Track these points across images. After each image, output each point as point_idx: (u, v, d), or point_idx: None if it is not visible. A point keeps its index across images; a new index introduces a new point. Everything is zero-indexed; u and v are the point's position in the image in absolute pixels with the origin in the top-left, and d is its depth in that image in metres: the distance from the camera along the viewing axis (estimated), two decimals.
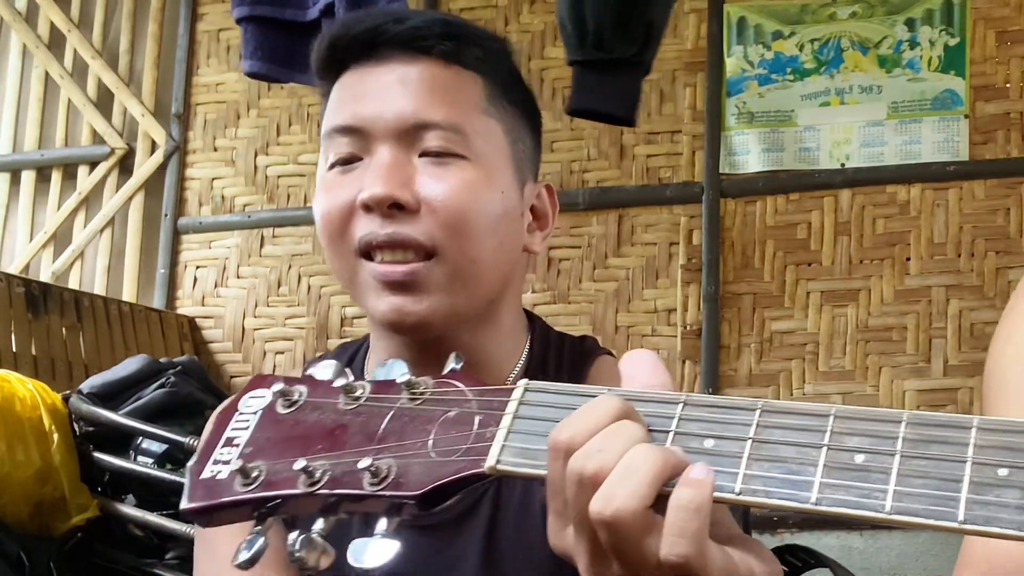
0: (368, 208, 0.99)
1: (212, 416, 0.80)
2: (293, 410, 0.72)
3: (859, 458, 0.58)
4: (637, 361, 0.69)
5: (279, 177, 4.51)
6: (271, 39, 2.22)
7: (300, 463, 0.66)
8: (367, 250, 1.00)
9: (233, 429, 0.72)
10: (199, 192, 4.60)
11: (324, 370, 0.74)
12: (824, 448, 0.59)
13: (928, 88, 3.80)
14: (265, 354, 4.39)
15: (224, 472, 0.69)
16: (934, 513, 0.55)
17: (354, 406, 0.71)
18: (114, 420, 2.48)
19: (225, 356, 4.44)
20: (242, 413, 0.73)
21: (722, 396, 0.65)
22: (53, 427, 2.44)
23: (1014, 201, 3.71)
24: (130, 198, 4.65)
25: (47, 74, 4.82)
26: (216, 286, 4.50)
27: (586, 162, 4.12)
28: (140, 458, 2.49)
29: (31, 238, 4.75)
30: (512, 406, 0.67)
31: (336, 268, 1.05)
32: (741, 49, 3.99)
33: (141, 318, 4.19)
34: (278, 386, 0.73)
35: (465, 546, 1.03)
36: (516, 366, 1.10)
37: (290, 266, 4.41)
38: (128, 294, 4.56)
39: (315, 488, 0.66)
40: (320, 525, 0.66)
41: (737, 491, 0.60)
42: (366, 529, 0.66)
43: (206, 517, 0.69)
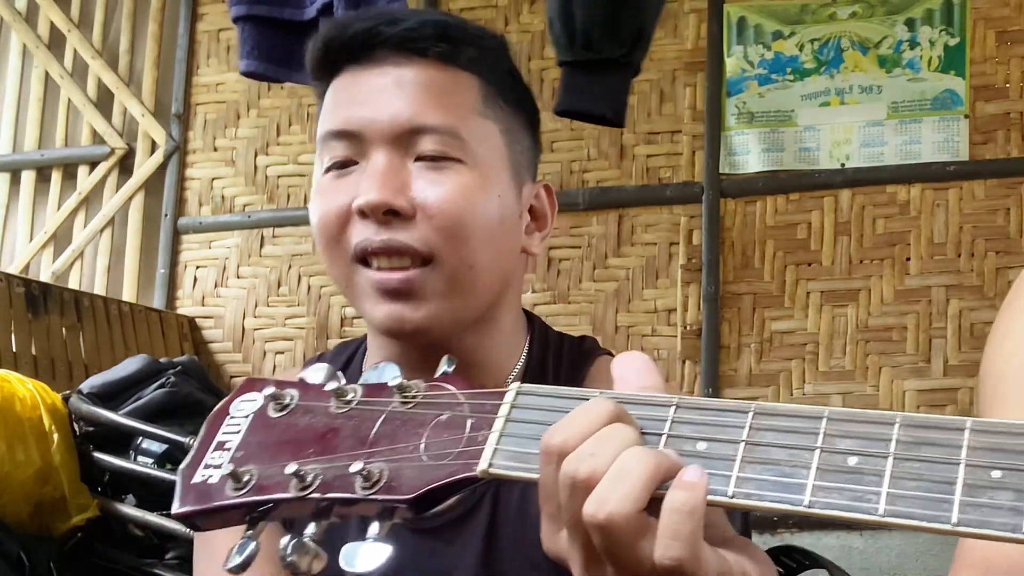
0: (363, 214, 0.98)
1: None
2: (284, 414, 0.72)
3: (852, 460, 0.58)
4: (629, 363, 0.69)
5: (279, 177, 4.51)
6: (268, 38, 2.21)
7: (291, 467, 0.66)
8: (363, 256, 0.99)
9: (224, 433, 0.72)
10: (199, 192, 4.60)
11: (315, 373, 0.74)
12: (817, 450, 0.59)
13: (928, 88, 3.80)
14: (265, 354, 4.39)
15: (215, 476, 0.69)
16: (927, 516, 0.55)
17: (345, 410, 0.70)
18: (114, 420, 2.48)
19: (225, 356, 4.44)
20: (233, 417, 0.73)
21: (714, 399, 0.64)
22: (53, 427, 2.44)
23: (1014, 201, 3.71)
24: (130, 198, 4.65)
25: (47, 74, 4.81)
26: (216, 286, 4.50)
27: (586, 162, 4.12)
28: (140, 458, 2.48)
29: (31, 238, 4.75)
30: (504, 409, 0.67)
31: (333, 273, 1.04)
32: (741, 49, 3.98)
33: (141, 318, 4.19)
34: (269, 390, 0.73)
35: (464, 548, 1.03)
36: (515, 367, 1.09)
37: (290, 266, 4.41)
38: (128, 294, 4.55)
39: (307, 492, 0.66)
40: (312, 529, 0.66)
41: (730, 494, 0.60)
42: (361, 533, 0.65)
43: (197, 522, 0.68)
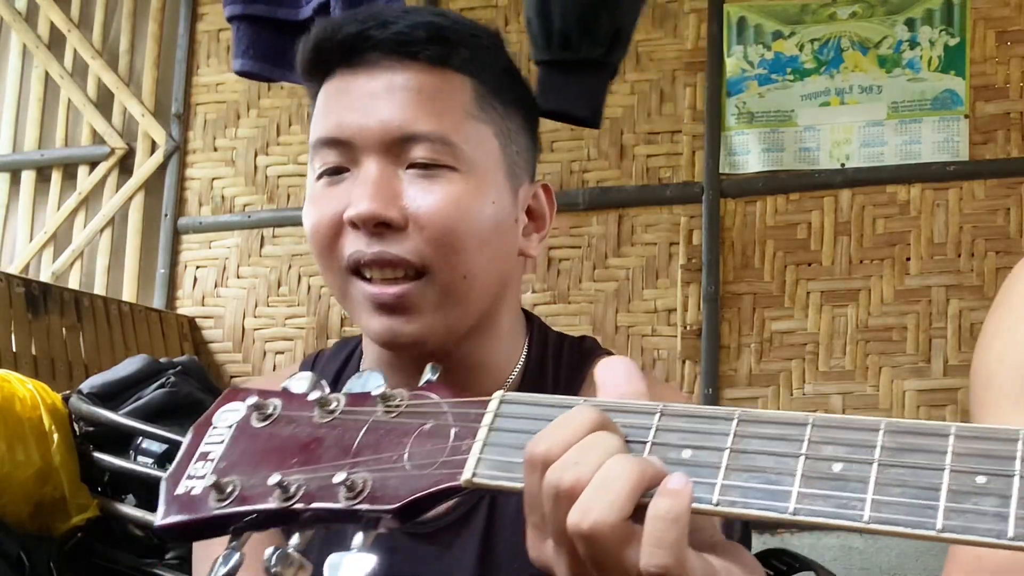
0: (355, 225, 0.97)
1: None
2: (267, 424, 0.71)
3: (837, 467, 0.58)
4: (613, 369, 0.68)
5: (279, 177, 4.51)
6: (264, 38, 2.19)
7: (275, 478, 0.66)
8: (356, 268, 0.99)
9: (207, 444, 0.72)
10: (199, 192, 4.60)
11: (299, 383, 0.73)
12: (802, 457, 0.59)
13: (928, 88, 3.80)
14: (265, 354, 4.39)
15: (198, 487, 0.68)
16: (912, 522, 0.55)
17: (329, 419, 0.70)
18: (114, 420, 2.48)
19: (225, 356, 4.44)
20: (216, 427, 0.73)
21: (699, 406, 0.64)
22: (53, 427, 2.43)
23: (1014, 201, 3.71)
24: (130, 198, 4.65)
25: (47, 74, 4.81)
26: (216, 286, 4.50)
27: (586, 162, 4.12)
28: (140, 458, 2.48)
29: (31, 238, 4.75)
30: (488, 418, 0.67)
31: (328, 281, 1.04)
32: (741, 49, 3.98)
33: (141, 318, 4.19)
34: (252, 399, 0.72)
35: (461, 552, 1.02)
36: (514, 369, 1.09)
37: (290, 266, 4.41)
38: (128, 294, 4.55)
39: (290, 503, 0.65)
40: (296, 540, 0.65)
41: (715, 501, 0.59)
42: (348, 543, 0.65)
43: (181, 533, 0.68)
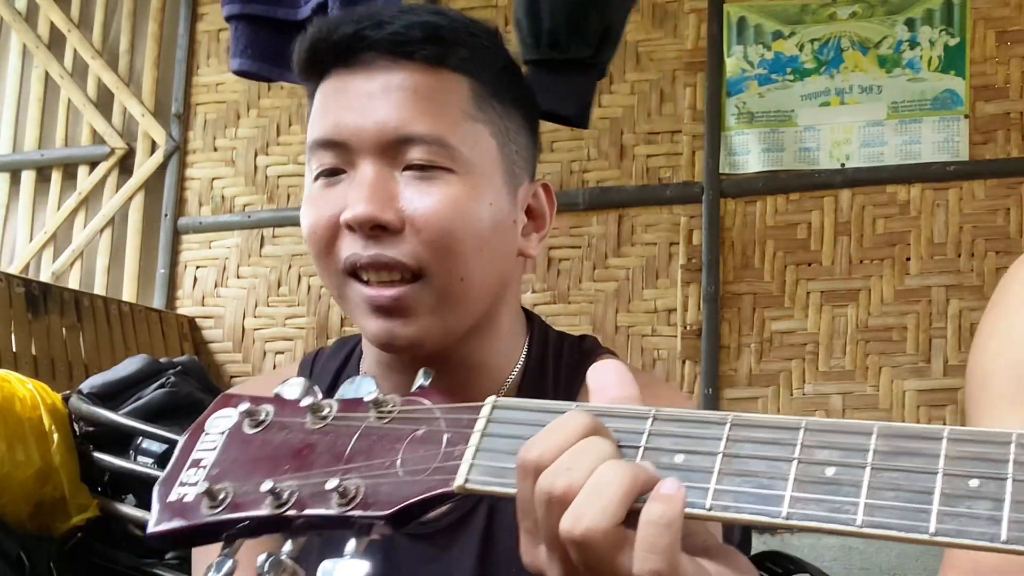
0: (351, 228, 0.97)
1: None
2: (260, 430, 0.71)
3: (830, 471, 0.58)
4: (605, 374, 0.68)
5: (279, 177, 4.50)
6: (262, 37, 2.18)
7: (267, 484, 0.66)
8: (353, 270, 0.99)
9: (200, 450, 0.72)
10: (199, 192, 4.60)
11: (291, 389, 0.73)
12: (795, 462, 0.59)
13: (928, 88, 3.80)
14: (265, 354, 4.39)
15: (191, 494, 0.68)
16: (905, 526, 0.55)
17: (321, 425, 0.70)
18: (114, 420, 2.48)
19: (225, 356, 4.44)
20: (208, 434, 0.73)
21: (691, 410, 0.64)
22: (53, 427, 2.44)
23: (1014, 201, 3.71)
24: (130, 198, 4.65)
25: (47, 74, 4.81)
26: (216, 286, 4.50)
27: (586, 162, 4.12)
28: (140, 458, 2.48)
29: (31, 238, 4.75)
30: (480, 423, 0.66)
31: (326, 282, 1.04)
32: (741, 49, 3.98)
33: (141, 318, 4.19)
34: (244, 406, 0.72)
35: (461, 553, 1.02)
36: (514, 369, 1.08)
37: (290, 266, 4.41)
38: (128, 294, 4.55)
39: (282, 510, 0.65)
40: (288, 547, 0.65)
41: (708, 507, 0.59)
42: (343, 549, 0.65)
43: (173, 541, 0.68)
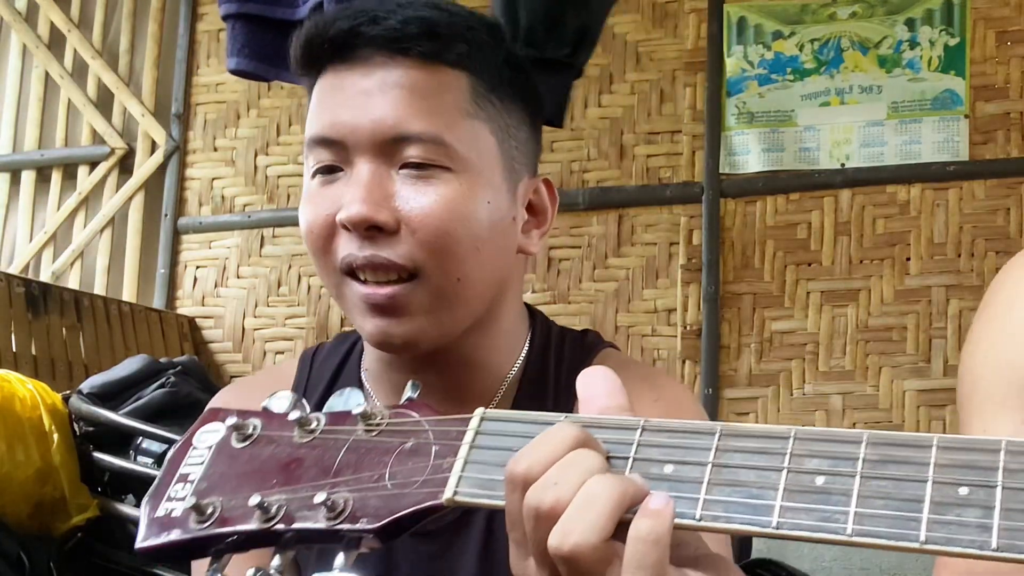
0: (347, 228, 0.97)
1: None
2: (248, 444, 0.71)
3: (819, 480, 0.58)
4: (594, 382, 0.67)
5: (279, 177, 4.50)
6: (259, 37, 2.18)
7: (255, 498, 0.65)
8: (350, 270, 0.99)
9: (187, 465, 0.71)
10: (199, 192, 4.59)
11: (279, 402, 0.73)
12: (784, 471, 0.59)
13: (928, 88, 3.80)
14: (265, 354, 4.39)
15: (178, 509, 0.68)
16: (895, 534, 0.55)
17: (309, 439, 0.70)
18: (114, 420, 2.48)
19: (225, 356, 4.44)
20: (196, 448, 0.72)
21: (680, 420, 0.63)
22: (53, 427, 2.44)
23: (1014, 201, 3.71)
24: (130, 198, 4.65)
25: (47, 74, 4.81)
26: (216, 286, 4.50)
27: (586, 162, 4.12)
28: (140, 458, 2.48)
29: (31, 238, 4.74)
30: (469, 436, 0.66)
31: (324, 281, 1.04)
32: (741, 49, 3.98)
33: (141, 318, 4.19)
34: (232, 420, 0.72)
35: (462, 551, 1.02)
36: (515, 365, 1.08)
37: (290, 266, 4.41)
38: (128, 294, 4.55)
39: (271, 524, 0.65)
40: (277, 561, 0.65)
41: (698, 517, 0.59)
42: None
43: (161, 556, 0.68)
